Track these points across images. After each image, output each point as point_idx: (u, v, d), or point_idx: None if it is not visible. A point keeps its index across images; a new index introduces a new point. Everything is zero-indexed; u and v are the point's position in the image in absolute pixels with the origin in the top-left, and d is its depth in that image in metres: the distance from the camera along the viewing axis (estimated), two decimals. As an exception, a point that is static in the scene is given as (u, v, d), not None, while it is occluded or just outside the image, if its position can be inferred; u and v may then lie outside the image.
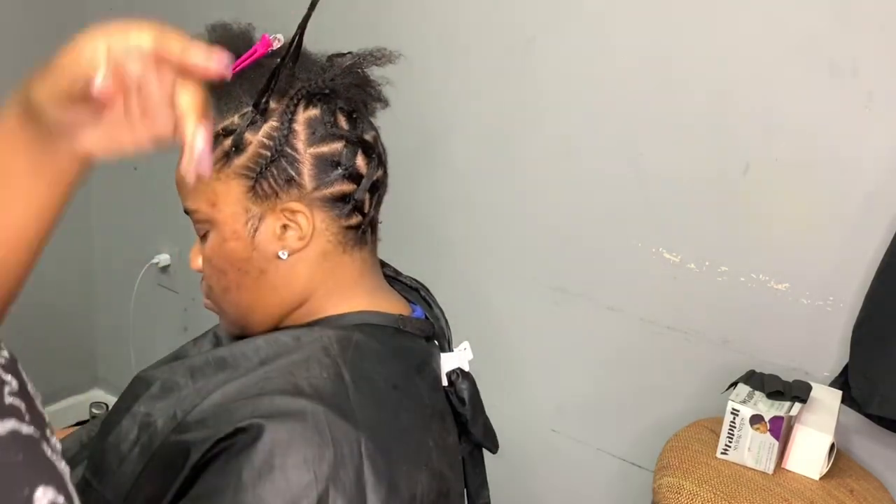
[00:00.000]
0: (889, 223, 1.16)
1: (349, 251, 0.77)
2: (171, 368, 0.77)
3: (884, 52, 1.14)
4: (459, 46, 1.53)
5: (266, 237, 0.73)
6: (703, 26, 1.28)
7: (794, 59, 1.21)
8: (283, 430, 0.61)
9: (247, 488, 0.59)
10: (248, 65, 0.75)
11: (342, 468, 0.62)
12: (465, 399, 0.81)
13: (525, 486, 1.62)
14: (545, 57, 1.44)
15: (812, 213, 1.24)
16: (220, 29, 0.77)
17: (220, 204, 0.73)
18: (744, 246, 1.30)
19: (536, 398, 1.57)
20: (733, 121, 1.27)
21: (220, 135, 0.72)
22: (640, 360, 1.44)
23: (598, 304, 1.46)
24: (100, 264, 2.30)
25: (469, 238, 1.60)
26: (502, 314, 1.59)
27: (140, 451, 0.69)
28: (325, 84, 0.73)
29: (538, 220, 1.51)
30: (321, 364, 0.68)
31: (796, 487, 1.08)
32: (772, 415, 1.09)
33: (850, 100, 1.17)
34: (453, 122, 1.57)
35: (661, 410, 1.42)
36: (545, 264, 1.52)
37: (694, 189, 1.33)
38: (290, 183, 0.72)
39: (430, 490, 0.69)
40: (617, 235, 1.42)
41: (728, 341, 1.34)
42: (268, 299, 0.76)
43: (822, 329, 1.25)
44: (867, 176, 1.18)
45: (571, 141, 1.44)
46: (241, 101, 0.73)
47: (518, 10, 1.45)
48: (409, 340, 0.78)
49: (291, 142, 0.71)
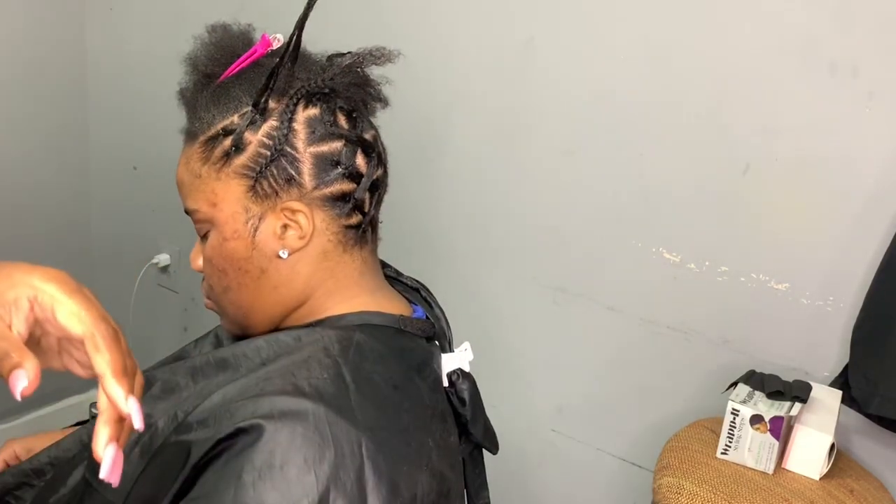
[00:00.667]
0: (889, 223, 1.16)
1: (349, 250, 0.77)
2: (172, 369, 0.77)
3: (884, 53, 1.14)
4: (459, 46, 1.53)
5: (266, 236, 0.73)
6: (703, 26, 1.28)
7: (795, 59, 1.21)
8: (284, 431, 0.61)
9: (247, 488, 0.59)
10: (247, 64, 0.75)
11: (343, 468, 0.61)
12: (466, 399, 0.81)
13: (525, 486, 1.62)
14: (545, 57, 1.44)
15: (812, 213, 1.24)
16: (219, 29, 0.78)
17: (221, 204, 0.73)
18: (744, 246, 1.30)
19: (536, 398, 1.57)
20: (733, 121, 1.27)
21: (220, 134, 0.73)
22: (640, 360, 1.44)
23: (598, 304, 1.46)
24: (99, 264, 2.30)
25: (469, 238, 1.60)
26: (502, 314, 1.59)
27: (141, 451, 0.69)
28: (324, 83, 0.73)
29: (538, 220, 1.51)
30: (322, 364, 0.68)
31: (796, 487, 1.08)
32: (772, 415, 1.09)
33: (850, 100, 1.17)
34: (453, 121, 1.57)
35: (661, 410, 1.42)
36: (545, 264, 1.52)
37: (694, 189, 1.33)
38: (290, 182, 0.72)
39: (431, 490, 0.69)
40: (617, 235, 1.42)
41: (728, 341, 1.34)
42: (268, 298, 0.76)
43: (822, 329, 1.25)
44: (867, 176, 1.18)
45: (571, 141, 1.44)
46: (241, 100, 0.73)
47: (518, 10, 1.45)
48: (409, 341, 0.78)
49: (291, 141, 0.71)
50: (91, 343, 0.48)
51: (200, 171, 0.74)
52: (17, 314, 0.48)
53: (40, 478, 0.89)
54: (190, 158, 0.75)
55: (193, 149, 0.75)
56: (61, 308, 0.48)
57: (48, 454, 0.90)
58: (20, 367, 0.46)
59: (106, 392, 0.48)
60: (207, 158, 0.73)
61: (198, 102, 0.75)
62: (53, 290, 0.49)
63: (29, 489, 0.88)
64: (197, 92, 0.76)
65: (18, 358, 0.46)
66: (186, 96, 0.78)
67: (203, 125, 0.74)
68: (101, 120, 2.18)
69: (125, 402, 0.48)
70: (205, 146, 0.73)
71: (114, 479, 0.50)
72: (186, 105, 0.77)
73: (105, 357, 0.48)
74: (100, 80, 2.14)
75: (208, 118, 0.74)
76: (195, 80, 0.77)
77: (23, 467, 0.89)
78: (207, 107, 0.74)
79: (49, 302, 0.48)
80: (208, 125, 0.73)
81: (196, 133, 0.75)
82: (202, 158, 0.74)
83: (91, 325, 0.48)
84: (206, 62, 0.76)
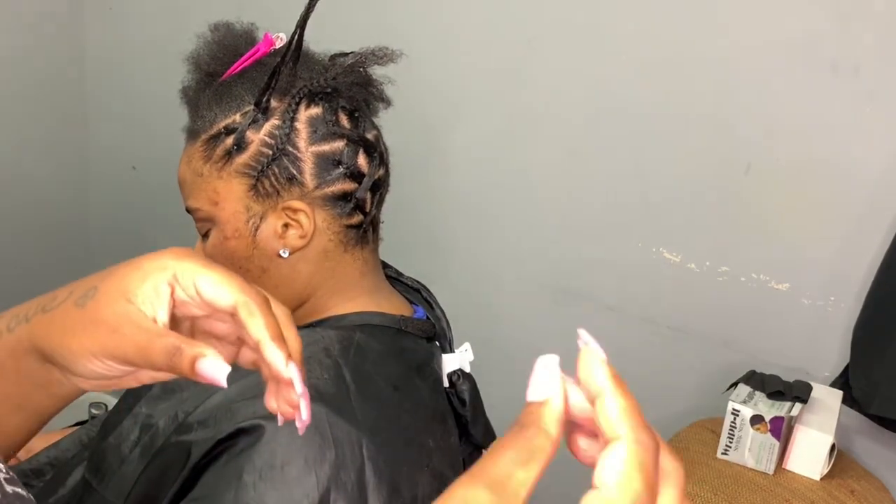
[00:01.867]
0: (889, 223, 1.16)
1: (350, 250, 0.76)
2: (172, 369, 0.77)
3: (885, 52, 1.14)
4: (461, 46, 1.53)
5: (267, 236, 0.73)
6: (704, 26, 1.28)
7: (796, 59, 1.20)
8: (285, 431, 0.61)
9: (248, 489, 0.59)
10: (250, 63, 0.75)
11: (343, 469, 0.61)
12: (466, 400, 0.81)
13: (525, 487, 1.62)
14: (546, 57, 1.43)
15: (812, 213, 1.24)
16: (222, 28, 0.78)
17: (222, 202, 0.73)
18: (744, 246, 1.30)
19: (536, 398, 1.57)
20: (734, 121, 1.27)
21: (222, 133, 0.72)
22: (641, 360, 1.43)
23: (598, 304, 1.46)
24: (99, 264, 2.29)
25: (469, 238, 1.60)
26: (503, 314, 1.58)
27: (141, 451, 0.69)
28: (326, 83, 0.73)
29: (538, 220, 1.50)
30: (322, 364, 0.67)
31: (797, 488, 1.08)
32: (772, 415, 1.09)
33: (851, 100, 1.17)
34: (454, 122, 1.57)
35: (661, 410, 1.42)
36: (545, 264, 1.51)
37: (694, 189, 1.33)
38: (292, 181, 0.72)
39: (431, 491, 0.69)
40: (617, 235, 1.42)
41: (728, 341, 1.34)
42: (269, 298, 0.75)
43: (822, 329, 1.25)
44: (868, 176, 1.18)
45: (572, 141, 1.44)
46: (244, 99, 0.73)
47: (519, 10, 1.45)
48: (410, 341, 0.77)
49: (293, 140, 0.71)
50: (245, 309, 0.45)
51: (202, 170, 0.73)
52: (160, 303, 0.45)
53: (40, 478, 0.89)
54: (192, 157, 0.75)
55: (195, 147, 0.74)
56: (206, 281, 0.46)
57: (47, 455, 0.90)
58: (202, 355, 0.42)
59: (265, 357, 0.45)
60: (209, 157, 0.73)
61: (200, 101, 0.75)
62: (192, 267, 0.46)
63: (28, 489, 0.88)
64: (199, 90, 0.76)
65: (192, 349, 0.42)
66: (189, 95, 0.77)
67: (205, 124, 0.74)
68: (100, 120, 2.17)
69: (285, 367, 0.45)
70: (207, 145, 0.73)
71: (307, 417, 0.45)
72: (189, 103, 0.77)
73: (260, 321, 0.45)
74: (99, 79, 2.14)
75: (210, 117, 0.73)
76: (198, 79, 0.77)
77: (22, 467, 0.89)
78: (210, 105, 0.74)
79: (191, 279, 0.46)
80: (210, 124, 0.73)
81: (198, 131, 0.74)
82: (204, 157, 0.73)
83: (241, 293, 0.46)
84: (209, 61, 0.76)
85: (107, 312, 0.44)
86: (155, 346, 0.43)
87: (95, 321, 0.44)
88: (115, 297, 0.45)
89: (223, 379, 0.43)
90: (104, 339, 0.44)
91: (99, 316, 0.44)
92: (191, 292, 0.46)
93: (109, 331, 0.44)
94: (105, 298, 0.45)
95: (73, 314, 0.45)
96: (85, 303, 0.45)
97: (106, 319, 0.44)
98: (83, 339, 0.44)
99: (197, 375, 0.42)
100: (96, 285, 0.46)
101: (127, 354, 0.44)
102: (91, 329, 0.44)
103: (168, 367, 0.43)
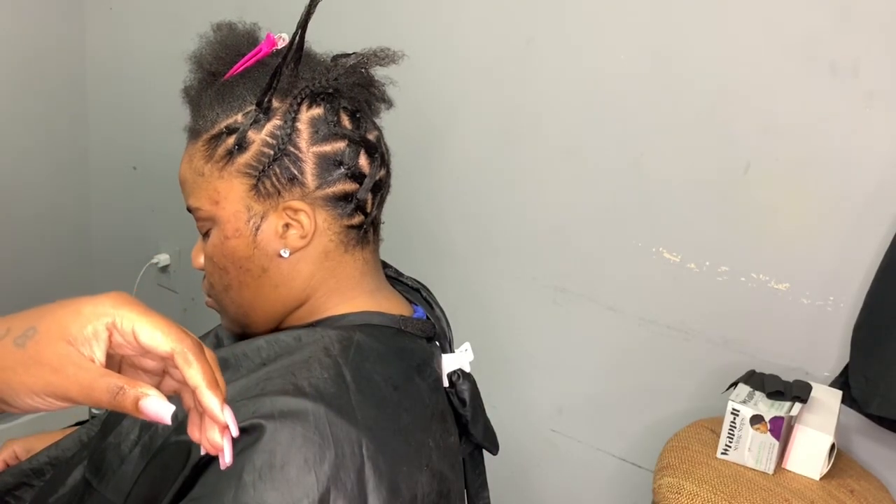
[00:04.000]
0: (889, 223, 1.16)
1: (351, 251, 0.77)
2: (172, 369, 0.77)
3: (884, 52, 1.14)
4: (461, 47, 1.53)
5: (268, 235, 0.73)
6: (703, 26, 1.28)
7: (795, 59, 1.21)
8: (285, 431, 0.61)
9: (248, 489, 0.59)
10: (252, 63, 0.75)
11: (343, 469, 0.61)
12: (466, 400, 0.81)
13: (525, 486, 1.62)
14: (545, 57, 1.44)
15: (812, 213, 1.24)
16: (225, 28, 0.78)
17: (223, 202, 0.73)
18: (744, 246, 1.30)
19: (536, 398, 1.57)
20: (734, 120, 1.27)
21: (224, 133, 0.73)
22: (640, 360, 1.44)
23: (598, 304, 1.46)
24: (99, 264, 2.30)
25: (469, 238, 1.60)
26: (502, 314, 1.59)
27: (141, 451, 0.69)
28: (328, 83, 0.73)
29: (538, 220, 1.51)
30: (322, 364, 0.68)
31: (797, 487, 1.08)
32: (772, 415, 1.09)
33: (850, 100, 1.17)
34: (454, 122, 1.57)
35: (661, 410, 1.42)
36: (545, 264, 1.52)
37: (694, 189, 1.33)
38: (293, 182, 0.72)
39: (431, 491, 0.69)
40: (617, 235, 1.42)
41: (728, 341, 1.34)
42: (269, 297, 0.76)
43: (822, 329, 1.25)
44: (867, 176, 1.18)
45: (571, 141, 1.44)
46: (245, 99, 0.73)
47: (519, 10, 1.45)
48: (410, 341, 0.78)
49: (294, 140, 0.71)
50: (181, 358, 0.49)
51: (203, 169, 0.74)
52: (98, 346, 0.48)
53: (40, 478, 0.89)
54: (193, 156, 0.75)
55: (197, 147, 0.75)
56: (144, 328, 0.49)
57: (48, 454, 0.90)
58: (145, 395, 0.46)
59: (203, 403, 0.49)
60: (210, 156, 0.73)
61: (202, 100, 0.75)
62: (130, 315, 0.49)
63: (28, 489, 0.88)
64: (201, 90, 0.76)
65: (134, 389, 0.46)
66: (191, 94, 0.78)
67: (207, 123, 0.74)
68: (101, 120, 2.18)
69: (220, 413, 0.49)
70: (208, 144, 0.73)
71: (230, 460, 0.51)
72: (190, 103, 0.77)
73: (197, 369, 0.49)
74: (99, 79, 2.14)
75: (212, 116, 0.74)
76: (200, 79, 0.77)
77: (22, 467, 0.89)
78: (211, 105, 0.74)
79: (129, 325, 0.49)
80: (212, 123, 0.73)
81: (199, 131, 0.75)
82: (205, 156, 0.74)
83: (177, 341, 0.49)
84: (211, 60, 0.76)
85: (48, 353, 0.47)
86: (98, 386, 0.46)
87: (38, 362, 0.47)
88: (55, 338, 0.47)
89: (167, 416, 0.46)
90: (47, 378, 0.46)
91: (41, 357, 0.47)
92: (129, 338, 0.49)
93: (51, 371, 0.46)
94: (46, 339, 0.47)
95: (12, 353, 0.47)
96: (25, 342, 0.47)
97: (48, 361, 0.46)
98: (24, 377, 0.46)
99: (141, 413, 0.46)
100: (34, 325, 0.48)
101: (69, 393, 0.46)
102: (34, 369, 0.46)
103: (111, 406, 0.46)
